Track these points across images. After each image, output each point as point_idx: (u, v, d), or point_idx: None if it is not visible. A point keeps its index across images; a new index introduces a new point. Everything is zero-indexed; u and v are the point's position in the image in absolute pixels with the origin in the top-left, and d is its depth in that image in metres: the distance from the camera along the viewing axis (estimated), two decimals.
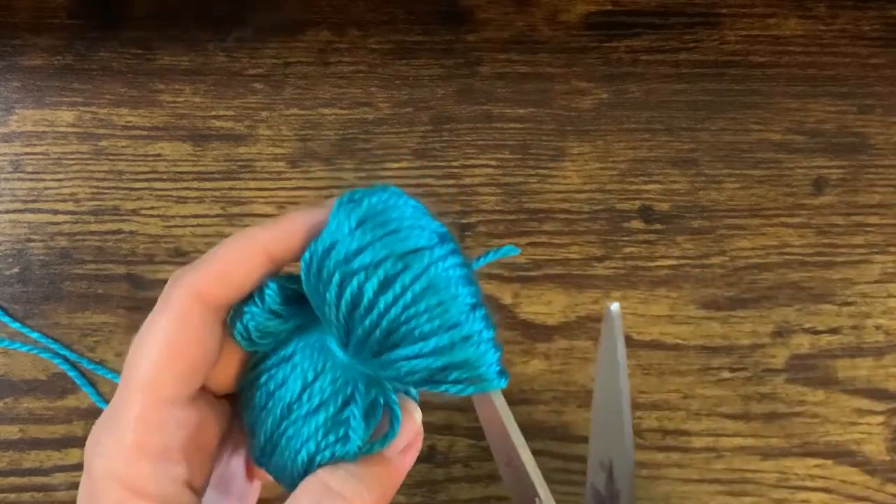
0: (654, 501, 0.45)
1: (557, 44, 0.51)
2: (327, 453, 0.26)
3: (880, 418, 0.46)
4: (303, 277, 0.26)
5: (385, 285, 0.24)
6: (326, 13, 0.52)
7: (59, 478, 0.45)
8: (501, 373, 0.26)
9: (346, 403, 0.26)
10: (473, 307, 0.25)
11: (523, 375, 0.46)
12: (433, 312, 0.24)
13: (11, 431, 0.46)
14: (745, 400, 0.46)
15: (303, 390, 0.27)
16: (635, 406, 0.46)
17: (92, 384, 0.47)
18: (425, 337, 0.24)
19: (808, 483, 0.45)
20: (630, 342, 0.47)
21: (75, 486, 0.45)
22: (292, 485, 0.26)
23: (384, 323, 0.24)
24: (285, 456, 0.26)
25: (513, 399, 0.46)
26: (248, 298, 0.27)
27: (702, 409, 0.46)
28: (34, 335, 0.47)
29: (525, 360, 0.47)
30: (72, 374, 0.46)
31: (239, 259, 0.26)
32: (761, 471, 0.46)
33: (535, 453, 0.45)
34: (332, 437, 0.26)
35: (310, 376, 0.27)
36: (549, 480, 0.45)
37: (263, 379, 0.27)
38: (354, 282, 0.24)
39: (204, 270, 0.25)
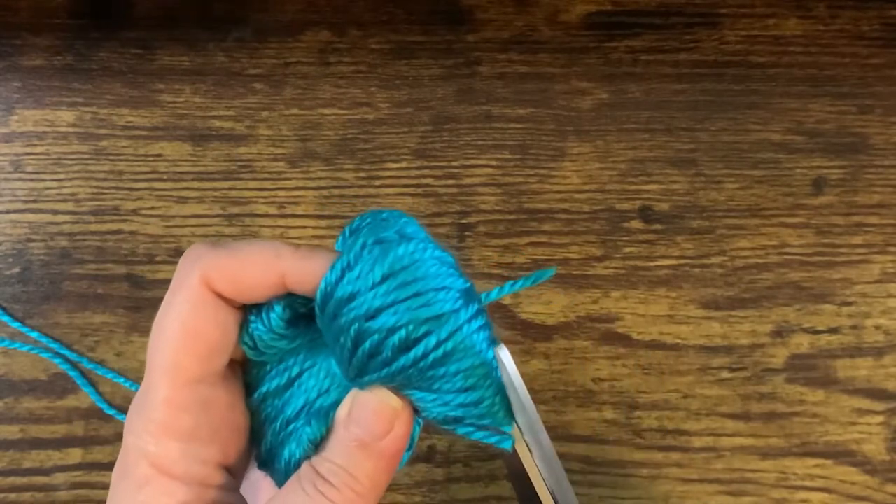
0: (655, 501, 0.45)
1: (557, 44, 0.51)
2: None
3: (880, 418, 0.46)
4: (317, 312, 0.26)
5: (406, 347, 0.24)
6: (326, 13, 0.52)
7: (59, 478, 0.45)
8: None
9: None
10: (495, 370, 0.25)
11: (523, 375, 0.46)
12: (453, 378, 0.25)
13: (12, 431, 0.46)
14: (745, 400, 0.47)
15: (303, 408, 0.27)
16: (635, 406, 0.46)
17: (92, 384, 0.47)
18: (442, 395, 0.25)
19: (808, 483, 0.45)
20: (630, 342, 0.47)
21: (76, 485, 0.45)
22: None
23: (400, 378, 0.25)
24: (282, 463, 0.27)
25: None
26: (256, 309, 0.27)
27: (701, 408, 0.46)
28: (34, 335, 0.47)
29: (525, 359, 0.47)
30: (72, 374, 0.46)
31: (254, 271, 0.25)
32: (761, 470, 0.46)
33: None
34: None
35: (312, 395, 0.27)
36: None
37: (267, 391, 0.27)
38: (375, 337, 0.24)
39: (218, 265, 0.25)
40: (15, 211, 0.49)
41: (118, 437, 0.46)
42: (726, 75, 0.51)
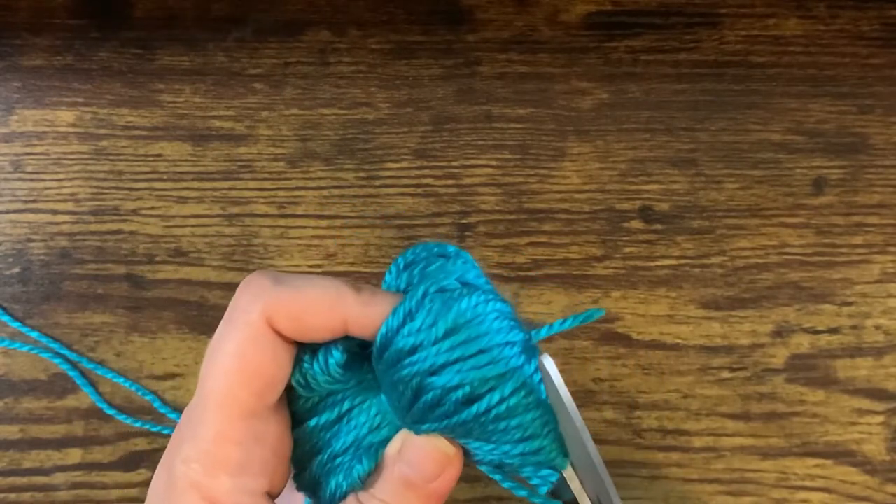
0: (655, 501, 0.45)
1: (557, 44, 0.51)
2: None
3: (880, 418, 0.46)
4: (374, 356, 0.25)
5: (469, 402, 0.24)
6: (326, 13, 0.52)
7: (59, 478, 0.45)
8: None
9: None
10: (548, 423, 0.25)
11: None
12: (514, 431, 0.25)
13: (12, 431, 0.46)
14: (745, 400, 0.47)
15: (353, 443, 0.27)
16: (635, 406, 0.46)
17: (92, 384, 0.47)
18: (501, 446, 0.25)
19: (808, 483, 0.45)
20: (630, 342, 0.47)
21: (75, 485, 0.45)
22: None
23: (460, 429, 0.25)
24: (328, 493, 0.27)
25: None
26: (312, 350, 0.26)
27: (702, 408, 0.46)
28: (34, 335, 0.47)
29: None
30: (72, 374, 0.46)
31: (318, 314, 0.25)
32: (761, 470, 0.46)
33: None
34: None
35: (363, 432, 0.27)
36: None
37: (316, 424, 0.27)
38: (438, 392, 0.24)
39: (281, 303, 0.25)
40: (15, 211, 0.49)
41: (118, 438, 0.46)
42: (726, 75, 0.51)
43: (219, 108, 0.50)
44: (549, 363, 0.24)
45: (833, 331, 0.47)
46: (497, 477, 0.27)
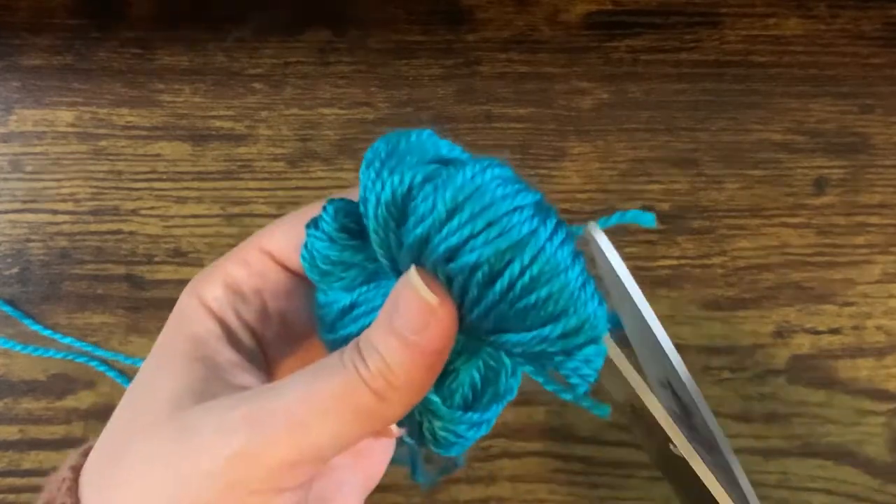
0: (655, 501, 0.45)
1: (558, 43, 0.51)
2: None
3: (881, 419, 0.46)
4: (375, 241, 0.24)
5: (491, 281, 0.23)
6: (326, 13, 0.52)
7: None
8: (608, 321, 0.24)
9: None
10: (583, 285, 0.23)
11: (524, 377, 0.46)
12: (545, 305, 0.23)
13: (11, 432, 0.46)
14: (746, 400, 0.46)
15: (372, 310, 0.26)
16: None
17: (92, 384, 0.46)
18: (538, 331, 0.23)
19: (810, 484, 0.45)
20: (630, 342, 0.47)
21: None
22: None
23: (491, 316, 0.23)
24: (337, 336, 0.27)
25: (513, 400, 0.46)
26: (312, 221, 0.26)
27: None
28: (68, 340, 0.47)
29: None
30: (111, 373, 0.46)
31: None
32: (762, 471, 0.45)
33: (537, 454, 0.45)
34: None
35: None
36: (551, 481, 0.45)
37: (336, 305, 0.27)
38: (460, 279, 0.23)
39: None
40: (14, 211, 0.49)
41: None
42: (727, 75, 0.51)
43: (218, 108, 0.50)
44: (599, 234, 0.22)
45: (834, 331, 0.47)
46: (540, 379, 0.25)
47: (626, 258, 0.48)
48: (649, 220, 0.25)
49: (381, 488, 0.45)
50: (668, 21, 0.51)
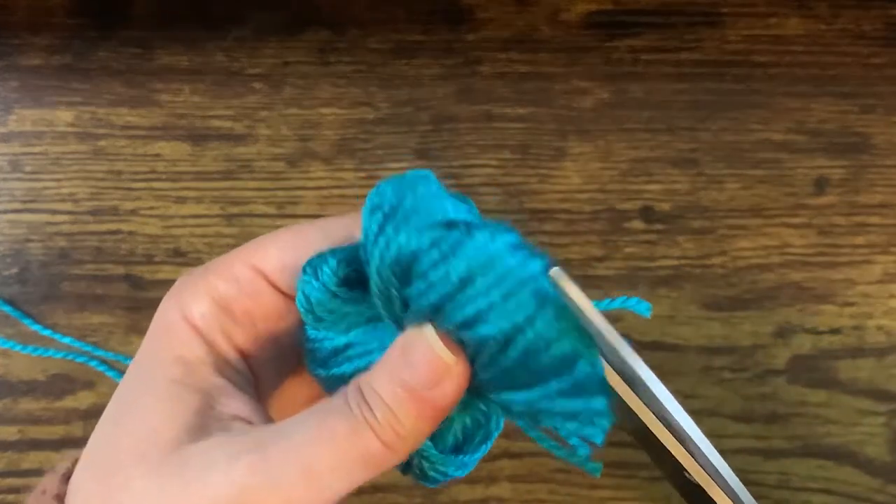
0: (655, 501, 0.45)
1: (558, 43, 0.51)
2: None
3: (882, 419, 0.46)
4: (377, 295, 0.24)
5: (504, 348, 0.23)
6: (326, 13, 0.51)
7: None
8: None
9: None
10: (590, 346, 0.23)
11: None
12: (553, 366, 0.23)
13: (10, 432, 0.46)
14: (747, 400, 0.46)
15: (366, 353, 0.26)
16: None
17: (92, 384, 0.46)
18: (541, 384, 0.23)
19: (810, 484, 0.45)
20: (631, 342, 0.47)
21: None
22: None
23: (499, 377, 0.23)
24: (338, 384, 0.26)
25: None
26: (310, 265, 0.25)
27: (703, 409, 0.46)
28: (66, 340, 0.47)
29: None
30: (110, 374, 0.46)
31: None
32: (763, 472, 0.45)
33: (537, 454, 0.45)
34: None
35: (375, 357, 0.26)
36: (551, 481, 0.45)
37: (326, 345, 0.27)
38: (471, 348, 0.23)
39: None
40: (13, 211, 0.49)
41: None
42: (728, 75, 0.50)
43: (218, 108, 0.50)
44: (562, 277, 0.22)
45: (835, 331, 0.47)
46: (534, 435, 0.25)
47: (625, 258, 0.48)
48: (644, 308, 0.26)
49: (382, 488, 0.45)
50: (669, 21, 0.51)
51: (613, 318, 0.48)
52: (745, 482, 0.45)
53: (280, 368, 0.28)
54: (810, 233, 0.48)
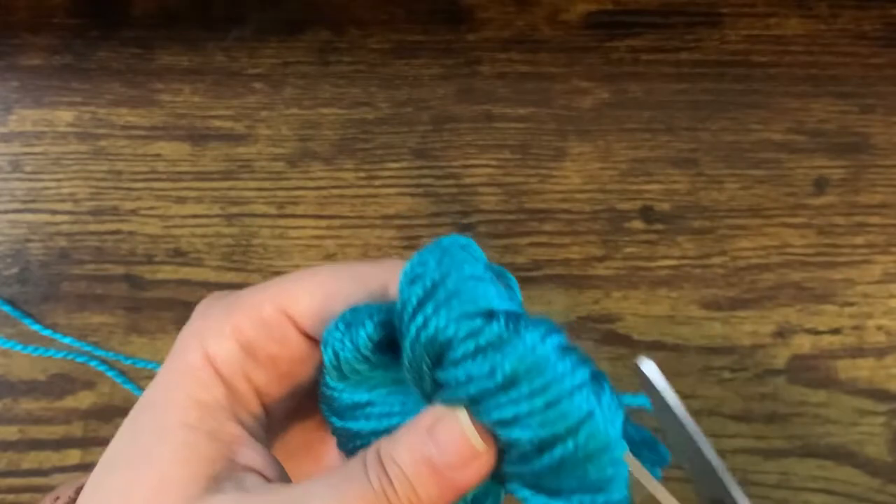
0: (656, 502, 0.45)
1: (558, 43, 0.51)
2: None
3: (882, 419, 0.46)
4: (408, 368, 0.23)
5: (539, 452, 0.22)
6: (326, 13, 0.51)
7: (57, 479, 0.45)
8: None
9: None
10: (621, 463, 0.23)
11: None
12: (585, 476, 0.22)
13: (10, 432, 0.46)
14: (747, 400, 0.46)
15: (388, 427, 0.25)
16: None
17: (92, 384, 0.46)
18: (568, 493, 0.23)
19: (810, 484, 0.45)
20: (631, 343, 0.47)
21: None
22: None
23: (528, 475, 0.23)
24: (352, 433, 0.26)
25: None
26: (345, 324, 0.24)
27: (703, 409, 0.46)
28: (67, 340, 0.47)
29: None
30: (110, 373, 0.46)
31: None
32: (762, 471, 0.45)
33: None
34: None
35: (395, 422, 0.25)
36: None
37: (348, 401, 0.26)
38: (505, 441, 0.22)
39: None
40: (13, 211, 0.49)
41: None
42: (727, 75, 0.50)
43: (218, 108, 0.50)
44: (651, 369, 0.22)
45: (834, 331, 0.47)
46: None
47: (625, 258, 0.48)
48: (644, 402, 0.25)
49: None
50: (669, 21, 0.51)
51: (613, 318, 0.48)
52: (745, 482, 0.45)
53: (291, 409, 0.27)
54: (810, 233, 0.49)
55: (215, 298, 0.27)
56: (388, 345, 0.24)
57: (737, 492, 0.22)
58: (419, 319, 0.23)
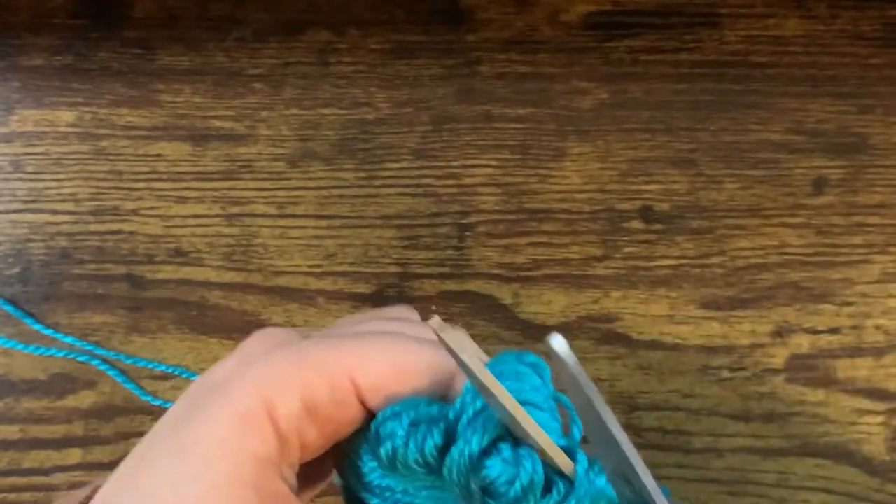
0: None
1: (557, 44, 0.51)
2: None
3: (880, 418, 0.46)
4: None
5: None
6: (326, 13, 0.52)
7: (58, 478, 0.45)
8: None
9: None
10: None
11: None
12: None
13: (11, 431, 0.46)
14: (745, 400, 0.46)
15: None
16: (635, 406, 0.46)
17: (93, 384, 0.47)
18: None
19: (809, 483, 0.45)
20: (630, 342, 0.47)
21: (75, 486, 0.45)
22: None
23: None
24: None
25: None
26: (413, 423, 0.24)
27: (702, 408, 0.46)
28: (69, 340, 0.47)
29: None
30: (111, 372, 0.46)
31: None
32: (761, 471, 0.46)
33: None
34: None
35: None
36: None
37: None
38: None
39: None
40: (14, 211, 0.49)
41: (118, 438, 0.46)
42: (727, 75, 0.51)
43: (218, 108, 0.50)
44: (560, 344, 0.22)
45: (833, 331, 0.47)
46: None
47: (625, 258, 0.48)
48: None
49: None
50: (668, 21, 0.51)
51: (613, 317, 0.48)
52: (744, 481, 0.46)
53: (321, 465, 0.27)
54: (809, 233, 0.49)
55: (274, 338, 0.26)
56: (443, 450, 0.24)
57: (642, 469, 0.22)
58: (474, 441, 0.23)
